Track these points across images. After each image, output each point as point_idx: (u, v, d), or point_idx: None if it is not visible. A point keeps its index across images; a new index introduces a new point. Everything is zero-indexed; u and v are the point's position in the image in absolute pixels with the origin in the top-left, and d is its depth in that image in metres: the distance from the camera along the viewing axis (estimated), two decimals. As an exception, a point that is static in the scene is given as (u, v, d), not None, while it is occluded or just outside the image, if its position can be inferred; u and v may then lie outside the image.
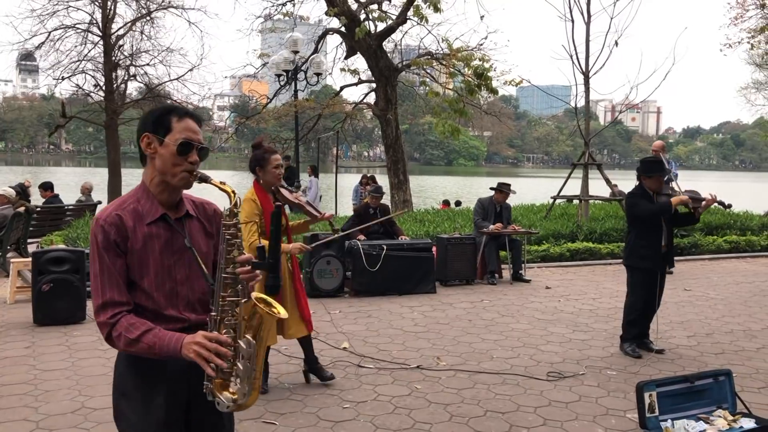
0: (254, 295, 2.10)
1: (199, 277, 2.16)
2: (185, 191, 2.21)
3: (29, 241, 10.59)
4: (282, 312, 2.09)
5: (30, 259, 7.17)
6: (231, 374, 2.01)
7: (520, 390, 4.90)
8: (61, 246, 7.77)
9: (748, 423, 4.04)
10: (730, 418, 4.10)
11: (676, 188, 6.27)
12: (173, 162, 2.09)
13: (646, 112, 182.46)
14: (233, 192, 2.12)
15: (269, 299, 2.13)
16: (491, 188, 9.73)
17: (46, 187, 13.13)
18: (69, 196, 20.05)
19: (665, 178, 8.34)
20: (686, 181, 6.22)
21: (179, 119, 2.12)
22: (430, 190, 42.72)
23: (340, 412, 4.40)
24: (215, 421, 2.21)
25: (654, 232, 5.79)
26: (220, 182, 2.13)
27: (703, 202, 5.79)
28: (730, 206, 6.18)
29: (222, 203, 2.21)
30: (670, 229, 5.94)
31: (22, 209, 9.93)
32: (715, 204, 5.84)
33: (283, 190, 4.64)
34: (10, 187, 10.81)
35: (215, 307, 2.04)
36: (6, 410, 4.36)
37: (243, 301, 2.05)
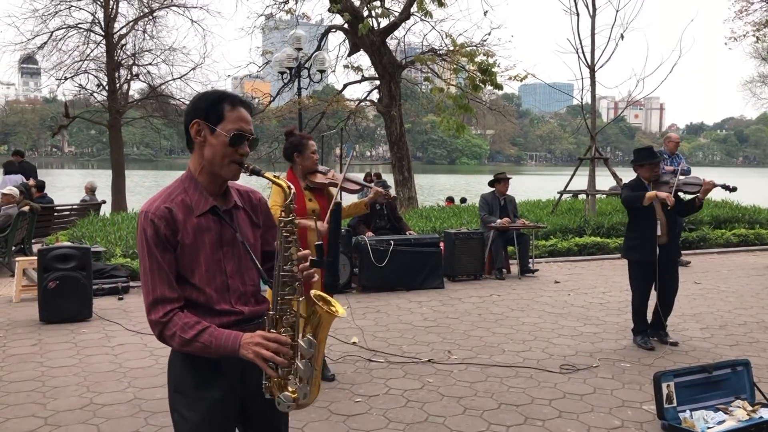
0: (314, 293, 2.02)
1: (250, 269, 2.10)
2: None
3: (33, 240, 10.55)
4: (341, 311, 1.98)
5: (35, 258, 7.12)
6: (290, 373, 1.94)
7: (533, 383, 4.83)
8: (67, 243, 7.70)
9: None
10: (749, 408, 4.04)
11: (671, 181, 5.91)
12: (224, 153, 1.99)
13: (649, 109, 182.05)
14: (289, 187, 2.03)
15: (328, 297, 2.02)
16: (489, 183, 9.68)
17: (39, 187, 13.10)
18: (73, 197, 20.09)
19: (673, 171, 8.23)
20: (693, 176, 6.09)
21: (232, 108, 2.01)
22: (433, 189, 42.59)
23: (351, 406, 4.34)
24: (273, 415, 2.15)
25: (646, 223, 5.66)
26: (274, 176, 2.06)
27: (702, 187, 5.57)
28: (735, 189, 5.93)
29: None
30: (671, 219, 5.76)
31: (26, 208, 9.89)
32: (719, 188, 5.67)
33: (318, 175, 4.55)
34: (14, 186, 10.77)
35: (273, 306, 1.98)
36: (15, 407, 4.31)
37: (300, 299, 1.98)
